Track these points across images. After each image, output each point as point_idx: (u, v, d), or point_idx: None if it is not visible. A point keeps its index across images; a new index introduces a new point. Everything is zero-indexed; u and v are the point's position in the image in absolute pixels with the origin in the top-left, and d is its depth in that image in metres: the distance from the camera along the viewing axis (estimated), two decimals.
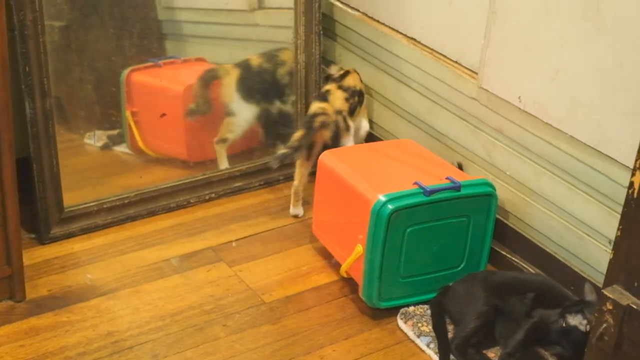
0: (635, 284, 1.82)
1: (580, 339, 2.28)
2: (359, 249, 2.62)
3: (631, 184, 1.78)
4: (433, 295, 2.66)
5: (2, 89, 2.37)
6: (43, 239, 2.88)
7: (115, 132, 3.20)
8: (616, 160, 2.42)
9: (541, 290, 2.57)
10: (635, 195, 1.78)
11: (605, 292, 1.85)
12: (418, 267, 2.69)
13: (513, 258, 2.83)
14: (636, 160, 1.76)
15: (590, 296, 2.40)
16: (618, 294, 1.84)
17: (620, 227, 1.82)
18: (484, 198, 2.70)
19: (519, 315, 2.51)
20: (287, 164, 3.28)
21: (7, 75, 2.38)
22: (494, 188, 2.71)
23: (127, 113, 3.16)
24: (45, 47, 2.73)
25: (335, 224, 2.83)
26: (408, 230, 2.60)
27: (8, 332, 2.52)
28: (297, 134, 3.01)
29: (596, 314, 1.88)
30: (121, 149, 3.22)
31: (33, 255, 2.82)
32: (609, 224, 2.49)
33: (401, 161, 2.86)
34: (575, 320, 2.39)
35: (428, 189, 2.59)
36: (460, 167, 2.95)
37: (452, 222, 2.68)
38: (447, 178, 2.67)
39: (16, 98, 2.66)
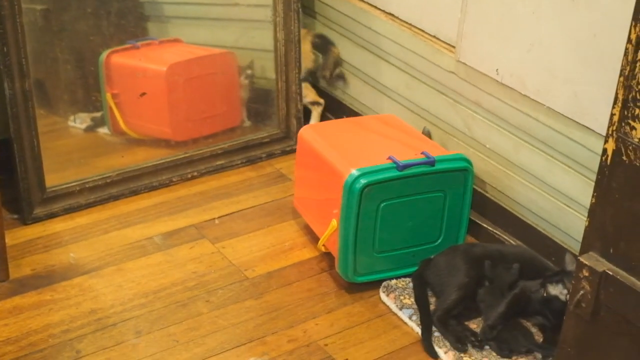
0: (611, 250, 1.83)
1: (561, 309, 2.28)
2: (334, 223, 2.62)
3: (604, 151, 1.79)
4: (410, 270, 2.68)
5: None
6: (26, 219, 2.89)
7: (98, 114, 3.19)
8: (593, 130, 2.43)
9: (522, 261, 2.58)
10: (608, 162, 1.79)
11: (582, 259, 1.86)
12: (394, 242, 2.68)
13: (494, 230, 2.85)
14: (609, 128, 1.77)
15: (570, 266, 2.41)
16: (594, 261, 1.85)
17: (595, 194, 1.83)
18: (459, 173, 2.68)
19: (503, 285, 2.53)
20: (266, 142, 3.31)
21: None
22: (470, 163, 2.70)
23: (108, 95, 3.15)
24: (22, 27, 2.73)
25: (313, 199, 2.84)
26: (382, 205, 2.59)
27: None
28: (336, 50, 3.43)
29: (573, 281, 1.90)
30: (104, 130, 3.22)
31: (16, 236, 2.82)
32: (587, 194, 2.48)
33: (380, 136, 2.85)
34: (556, 290, 2.41)
35: (401, 164, 2.58)
36: (428, 134, 2.96)
37: (427, 197, 2.66)
38: (422, 153, 2.66)
39: None
